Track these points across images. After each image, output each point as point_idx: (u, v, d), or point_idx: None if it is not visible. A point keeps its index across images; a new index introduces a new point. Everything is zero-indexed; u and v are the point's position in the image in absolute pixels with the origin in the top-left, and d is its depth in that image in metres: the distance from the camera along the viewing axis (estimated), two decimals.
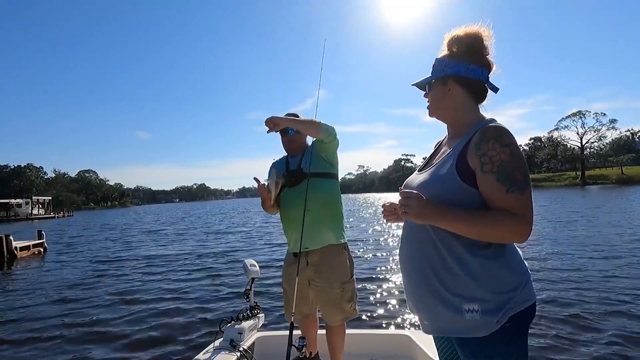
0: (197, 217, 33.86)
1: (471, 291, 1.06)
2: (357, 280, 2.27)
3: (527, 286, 1.09)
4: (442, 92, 1.20)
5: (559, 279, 5.96)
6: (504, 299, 1.05)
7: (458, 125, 1.20)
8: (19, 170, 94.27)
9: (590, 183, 63.14)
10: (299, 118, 2.12)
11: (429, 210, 1.04)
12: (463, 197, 1.07)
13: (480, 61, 1.16)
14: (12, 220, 51.01)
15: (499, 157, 1.03)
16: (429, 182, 1.15)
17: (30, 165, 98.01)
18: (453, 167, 1.10)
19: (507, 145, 1.04)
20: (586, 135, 72.00)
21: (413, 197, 1.07)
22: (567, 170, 79.09)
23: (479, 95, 1.19)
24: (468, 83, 1.17)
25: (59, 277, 8.60)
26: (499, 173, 1.03)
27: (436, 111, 1.25)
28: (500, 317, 1.04)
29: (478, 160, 1.05)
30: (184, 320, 4.94)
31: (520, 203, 1.02)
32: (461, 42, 1.17)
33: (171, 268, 8.85)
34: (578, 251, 8.16)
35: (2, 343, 4.54)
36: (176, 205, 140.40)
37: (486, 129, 1.08)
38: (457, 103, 1.19)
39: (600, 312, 4.40)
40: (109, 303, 6.03)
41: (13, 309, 6.07)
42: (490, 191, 1.04)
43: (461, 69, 1.16)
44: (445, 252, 1.10)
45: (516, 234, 1.02)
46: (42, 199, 64.32)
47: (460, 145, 1.12)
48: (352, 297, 2.17)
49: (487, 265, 1.06)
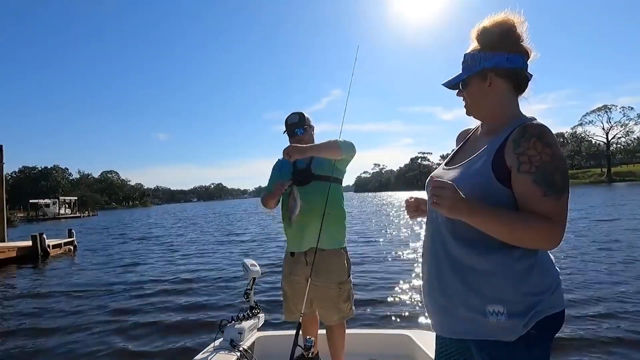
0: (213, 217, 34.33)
1: (495, 292, 1.01)
2: (359, 280, 2.27)
3: (557, 291, 1.04)
4: (482, 88, 1.11)
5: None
6: (532, 302, 0.99)
7: (496, 120, 1.12)
8: (46, 171, 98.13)
9: (617, 180, 60.61)
10: (319, 144, 2.09)
11: (462, 204, 0.98)
12: (495, 197, 1.01)
13: (518, 49, 1.08)
14: (41, 219, 53.14)
15: (539, 157, 0.96)
16: (461, 177, 1.09)
17: (56, 167, 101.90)
18: (489, 164, 1.04)
19: (549, 145, 0.97)
20: (612, 130, 69.40)
21: (447, 187, 1.00)
22: (592, 167, 76.22)
23: (521, 86, 1.12)
24: (510, 74, 1.09)
25: (84, 275, 8.94)
26: (538, 174, 0.96)
27: (475, 109, 1.16)
28: (527, 321, 0.99)
29: (516, 158, 0.99)
30: (184, 320, 4.96)
31: (556, 208, 0.96)
32: (493, 33, 1.09)
33: (172, 267, 8.99)
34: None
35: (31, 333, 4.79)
36: (194, 204, 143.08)
37: (527, 126, 1.01)
38: (500, 98, 1.11)
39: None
40: (115, 302, 6.16)
41: (43, 302, 6.41)
42: (526, 193, 0.98)
43: (501, 60, 1.07)
44: (468, 251, 1.05)
45: (547, 240, 0.97)
46: (69, 199, 66.61)
47: (497, 142, 1.05)
48: (349, 297, 2.18)
49: (514, 265, 1.01)
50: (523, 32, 1.10)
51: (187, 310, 5.39)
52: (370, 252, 9.43)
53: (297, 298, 2.20)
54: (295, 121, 2.23)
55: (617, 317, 4.22)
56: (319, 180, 2.13)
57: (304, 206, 2.05)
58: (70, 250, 13.70)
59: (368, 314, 4.77)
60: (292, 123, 2.23)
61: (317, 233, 2.04)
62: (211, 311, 5.30)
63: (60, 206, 60.82)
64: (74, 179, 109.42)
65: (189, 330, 4.59)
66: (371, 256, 8.84)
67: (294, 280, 2.21)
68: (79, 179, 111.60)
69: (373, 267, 7.56)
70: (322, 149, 2.06)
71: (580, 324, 4.06)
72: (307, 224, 2.10)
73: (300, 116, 2.24)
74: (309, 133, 2.25)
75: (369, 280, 6.38)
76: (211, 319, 4.86)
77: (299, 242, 2.15)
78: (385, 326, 4.32)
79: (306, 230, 2.11)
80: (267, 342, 2.62)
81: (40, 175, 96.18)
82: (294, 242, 2.19)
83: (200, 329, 4.57)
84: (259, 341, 2.61)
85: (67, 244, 13.79)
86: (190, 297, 6.14)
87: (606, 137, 69.84)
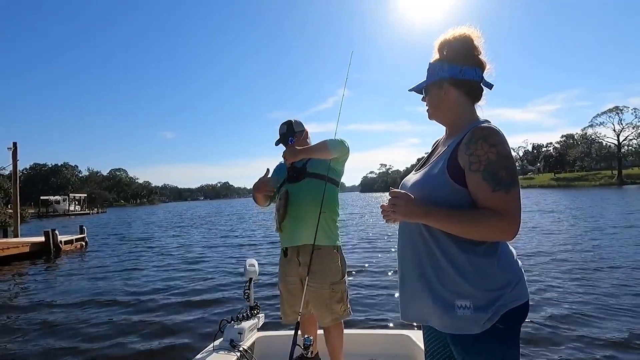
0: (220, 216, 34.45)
1: (462, 288, 1.09)
2: (359, 280, 2.28)
3: (518, 285, 1.10)
4: (438, 95, 1.23)
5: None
6: (493, 296, 1.07)
7: (455, 126, 1.22)
8: (56, 169, 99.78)
9: (628, 182, 59.58)
10: (310, 147, 2.20)
11: (415, 209, 1.10)
12: (453, 196, 1.11)
13: (472, 62, 1.19)
14: (51, 216, 53.95)
15: (486, 156, 1.06)
16: (422, 181, 1.19)
17: (66, 164, 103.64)
18: (444, 166, 1.13)
19: (494, 145, 1.07)
20: (624, 132, 68.19)
21: (400, 196, 1.13)
22: (602, 169, 75.02)
23: (475, 95, 1.22)
24: (463, 85, 1.19)
25: (91, 272, 9.06)
26: (485, 172, 1.06)
27: (435, 114, 1.28)
28: (491, 315, 1.06)
29: (467, 159, 1.09)
30: (184, 320, 4.97)
31: (505, 202, 1.04)
32: (452, 45, 1.20)
33: (173, 268, 9.04)
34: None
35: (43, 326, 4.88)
36: (201, 202, 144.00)
37: (476, 129, 1.10)
38: (453, 105, 1.21)
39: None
40: (119, 301, 6.20)
41: (53, 295, 6.56)
42: (477, 190, 1.07)
43: (455, 72, 1.18)
44: (437, 249, 1.13)
45: (501, 232, 1.05)
46: (78, 196, 67.48)
47: (452, 145, 1.15)
48: (343, 297, 2.17)
49: (477, 262, 1.09)
50: (480, 46, 1.20)
51: (187, 310, 5.41)
52: (371, 252, 9.42)
53: (291, 299, 2.22)
54: (285, 131, 2.31)
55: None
56: (312, 178, 2.18)
57: (293, 206, 2.12)
58: (82, 246, 13.97)
59: (368, 314, 4.78)
60: (283, 133, 2.32)
61: (309, 229, 2.07)
62: (211, 311, 5.31)
63: (70, 203, 61.71)
64: (83, 176, 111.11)
65: (189, 330, 4.59)
66: (372, 256, 8.84)
67: (289, 281, 2.23)
68: (88, 176, 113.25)
69: (374, 267, 7.56)
70: (313, 151, 2.14)
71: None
72: (300, 220, 2.12)
73: (288, 126, 2.32)
74: (300, 138, 2.30)
75: (369, 280, 6.38)
76: (211, 319, 4.87)
77: (291, 237, 2.17)
78: (385, 326, 4.32)
79: (299, 225, 2.13)
80: (267, 342, 2.63)
81: (50, 172, 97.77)
82: (286, 236, 2.21)
83: (200, 329, 4.57)
84: (259, 341, 2.62)
85: (78, 240, 14.03)
86: (190, 297, 6.15)
87: (617, 138, 68.74)
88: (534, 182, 73.10)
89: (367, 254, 9.15)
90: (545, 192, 48.89)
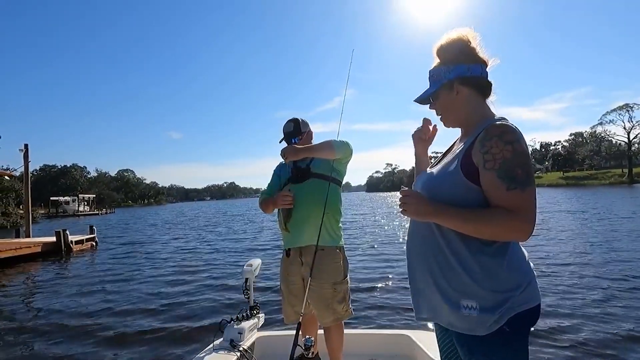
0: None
1: (469, 287, 1.07)
2: (359, 280, 2.26)
3: (529, 288, 1.07)
4: (450, 97, 1.21)
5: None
6: (501, 298, 1.04)
7: (469, 124, 1.21)
8: (65, 170, 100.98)
9: (639, 181, 58.60)
10: (313, 145, 2.17)
11: (425, 208, 1.09)
12: (467, 195, 1.09)
13: (475, 60, 1.19)
14: (61, 216, 54.69)
15: (501, 154, 1.03)
16: (436, 179, 1.18)
17: (75, 165, 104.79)
18: (458, 165, 1.11)
19: (510, 142, 1.04)
20: (634, 130, 67.07)
21: (411, 195, 1.13)
22: (612, 168, 73.87)
23: (485, 91, 1.21)
24: (472, 82, 1.19)
25: (100, 272, 9.16)
26: (500, 170, 1.03)
27: (449, 118, 1.26)
28: (498, 317, 1.04)
29: (481, 157, 1.07)
30: (184, 319, 4.98)
31: (520, 201, 1.02)
32: (452, 48, 1.20)
33: (174, 267, 9.10)
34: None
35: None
36: (208, 203, 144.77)
37: (491, 127, 1.08)
38: (466, 104, 1.20)
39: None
40: (122, 301, 6.25)
41: (63, 298, 6.63)
42: (491, 188, 1.05)
43: (462, 71, 1.18)
44: (446, 247, 1.12)
45: (514, 231, 1.02)
46: (87, 197, 68.41)
47: (467, 143, 1.13)
48: (345, 298, 2.16)
49: (486, 262, 1.07)
50: (477, 44, 1.21)
51: (187, 310, 5.43)
52: (373, 253, 9.39)
53: (293, 299, 2.21)
54: (291, 130, 2.26)
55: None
56: (316, 178, 2.15)
57: (297, 207, 2.09)
58: (92, 246, 14.20)
59: (368, 314, 4.76)
60: (288, 132, 2.26)
61: (313, 230, 2.05)
62: (211, 311, 5.32)
63: (79, 203, 62.51)
64: (91, 177, 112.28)
65: (189, 330, 4.60)
66: (373, 256, 8.81)
67: (291, 281, 2.22)
68: (96, 177, 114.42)
69: (374, 268, 7.53)
70: (316, 150, 2.11)
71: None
72: (304, 220, 2.10)
73: (295, 124, 2.26)
74: (305, 139, 2.26)
75: (369, 280, 6.35)
76: (211, 319, 4.88)
77: (294, 237, 2.15)
78: (385, 326, 4.30)
79: (303, 226, 2.11)
80: (267, 342, 2.63)
81: (60, 173, 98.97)
82: (289, 237, 2.19)
83: (200, 329, 4.58)
84: (259, 341, 2.62)
85: (88, 240, 14.27)
86: (190, 297, 6.17)
87: (627, 136, 67.63)
88: (542, 181, 72.15)
89: (369, 255, 9.11)
90: (554, 191, 48.19)
